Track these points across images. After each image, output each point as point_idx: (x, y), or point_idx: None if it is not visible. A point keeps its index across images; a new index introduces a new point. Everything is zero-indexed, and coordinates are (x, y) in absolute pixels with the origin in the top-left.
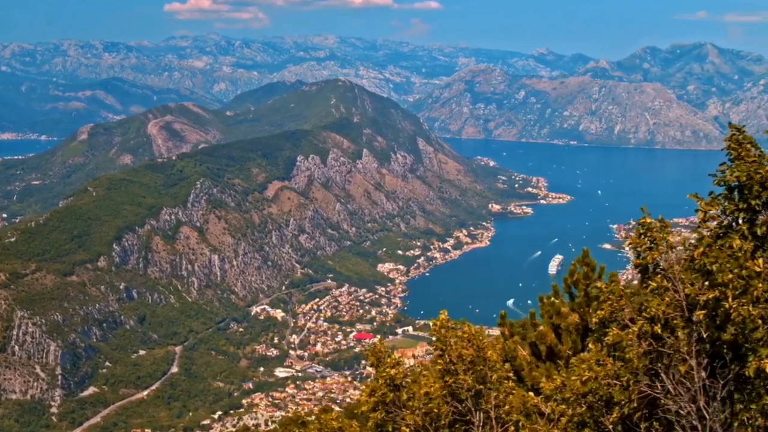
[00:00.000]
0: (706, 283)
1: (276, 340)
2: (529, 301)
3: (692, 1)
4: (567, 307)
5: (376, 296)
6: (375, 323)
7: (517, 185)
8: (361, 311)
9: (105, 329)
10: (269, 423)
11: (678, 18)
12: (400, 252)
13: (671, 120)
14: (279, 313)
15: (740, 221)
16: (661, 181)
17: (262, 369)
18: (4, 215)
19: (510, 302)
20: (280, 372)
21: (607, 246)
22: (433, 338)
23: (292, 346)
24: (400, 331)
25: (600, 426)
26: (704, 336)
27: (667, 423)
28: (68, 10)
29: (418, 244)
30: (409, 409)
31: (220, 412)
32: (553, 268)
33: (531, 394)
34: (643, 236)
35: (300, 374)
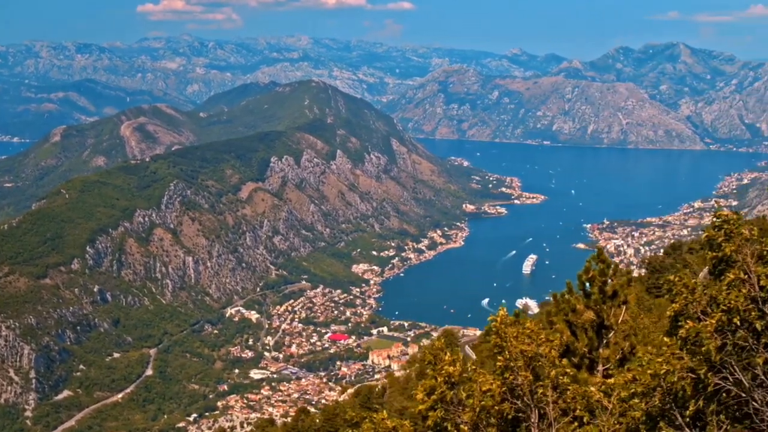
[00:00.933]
0: None
1: (251, 342)
2: (504, 301)
3: (664, 1)
4: (582, 304)
5: (351, 297)
6: (350, 324)
7: (491, 185)
8: (335, 312)
9: (79, 332)
10: (245, 425)
11: (650, 18)
12: (374, 253)
13: (644, 120)
14: (253, 315)
15: None
16: (634, 181)
17: (237, 371)
18: None
19: (485, 302)
20: (255, 374)
21: (581, 245)
22: (492, 334)
23: (267, 347)
24: (374, 331)
25: (670, 419)
26: None
27: (735, 416)
28: (40, 11)
29: (393, 244)
30: (468, 407)
31: (195, 415)
32: (527, 267)
33: (593, 389)
34: (718, 229)
35: (275, 376)
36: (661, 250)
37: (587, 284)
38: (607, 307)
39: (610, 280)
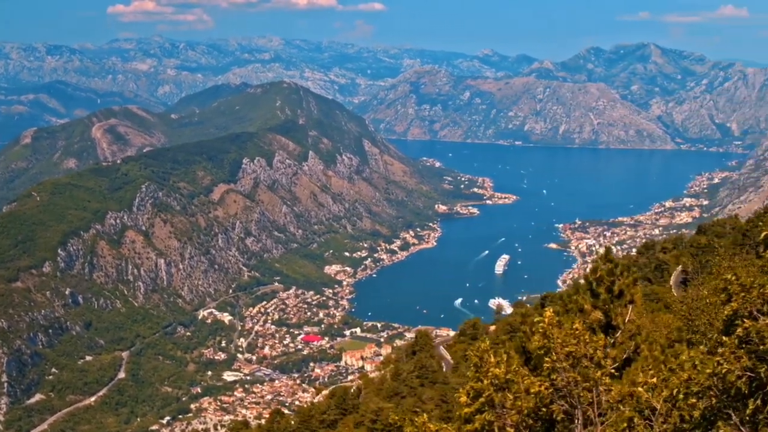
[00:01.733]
0: None
1: (224, 344)
2: (476, 301)
3: (634, 2)
4: (589, 304)
5: (324, 298)
6: (323, 325)
7: (462, 186)
8: (308, 314)
9: (51, 335)
10: (218, 427)
11: (621, 19)
12: (347, 254)
13: (615, 120)
14: (226, 317)
15: None
16: (605, 181)
17: (210, 373)
18: None
19: (457, 302)
20: (228, 376)
21: (553, 245)
22: (538, 335)
23: (240, 349)
24: (347, 332)
25: (725, 419)
26: None
27: None
28: (10, 12)
29: (365, 245)
30: (515, 409)
31: (168, 417)
32: (499, 267)
33: (640, 389)
34: None
35: (248, 378)
36: (633, 250)
37: (594, 284)
38: (614, 307)
39: (617, 280)
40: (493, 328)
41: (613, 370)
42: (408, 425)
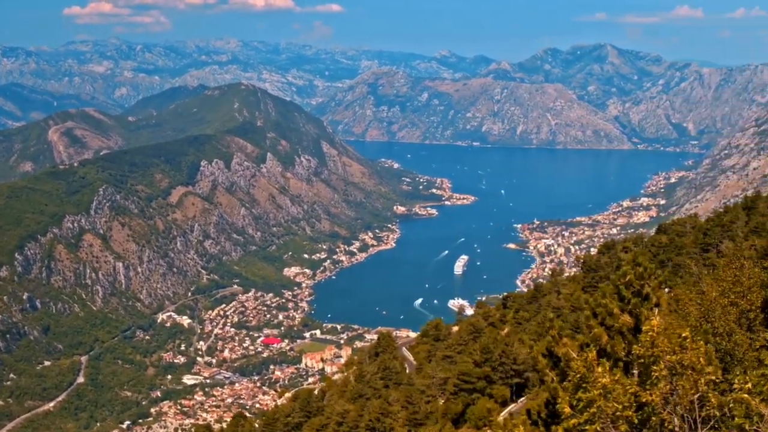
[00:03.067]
0: None
1: (183, 347)
2: (436, 301)
3: (591, 3)
4: (617, 307)
5: (283, 300)
6: (282, 328)
7: (421, 187)
8: (268, 316)
9: (8, 340)
10: (179, 431)
11: (578, 20)
12: (305, 256)
13: (572, 120)
14: (185, 320)
15: None
16: (563, 181)
17: (169, 377)
18: None
19: (417, 303)
20: (188, 379)
21: (512, 246)
22: (646, 344)
23: (200, 352)
24: (307, 335)
25: None
26: None
27: None
28: None
29: (324, 247)
30: (623, 419)
31: (128, 422)
32: (458, 268)
33: (745, 395)
34: None
35: (208, 381)
36: (591, 249)
37: (622, 288)
38: (644, 310)
39: (646, 284)
40: (455, 329)
41: (714, 378)
42: None
